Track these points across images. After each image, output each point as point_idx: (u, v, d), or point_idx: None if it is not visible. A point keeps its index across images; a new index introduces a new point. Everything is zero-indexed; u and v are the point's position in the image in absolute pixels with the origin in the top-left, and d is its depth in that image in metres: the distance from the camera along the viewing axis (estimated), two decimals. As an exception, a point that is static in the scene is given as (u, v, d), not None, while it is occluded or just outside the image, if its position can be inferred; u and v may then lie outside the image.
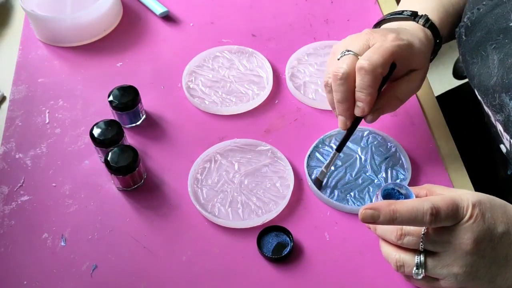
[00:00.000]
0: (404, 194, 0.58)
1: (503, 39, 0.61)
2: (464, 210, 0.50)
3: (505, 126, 0.61)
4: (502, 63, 0.60)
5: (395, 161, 0.70)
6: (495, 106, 0.62)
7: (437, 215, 0.49)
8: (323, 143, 0.72)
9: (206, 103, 0.78)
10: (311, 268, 0.63)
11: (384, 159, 0.70)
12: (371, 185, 0.68)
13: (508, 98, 0.59)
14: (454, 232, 0.50)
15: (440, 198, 0.50)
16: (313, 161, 0.70)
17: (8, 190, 0.70)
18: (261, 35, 0.88)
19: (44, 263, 0.64)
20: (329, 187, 0.68)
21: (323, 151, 0.71)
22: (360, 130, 0.73)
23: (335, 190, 0.68)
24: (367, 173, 0.69)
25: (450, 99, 0.92)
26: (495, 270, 0.51)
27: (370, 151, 0.71)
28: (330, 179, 0.69)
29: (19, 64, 0.85)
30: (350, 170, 0.69)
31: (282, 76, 0.82)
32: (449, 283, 0.52)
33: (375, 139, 0.72)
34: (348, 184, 0.68)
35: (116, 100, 0.73)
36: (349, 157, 0.71)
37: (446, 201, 0.50)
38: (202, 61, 0.84)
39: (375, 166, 0.70)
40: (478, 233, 0.49)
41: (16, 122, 0.77)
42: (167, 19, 0.91)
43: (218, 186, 0.69)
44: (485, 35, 0.63)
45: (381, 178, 0.69)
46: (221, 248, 0.64)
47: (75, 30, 0.85)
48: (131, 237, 0.66)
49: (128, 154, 0.67)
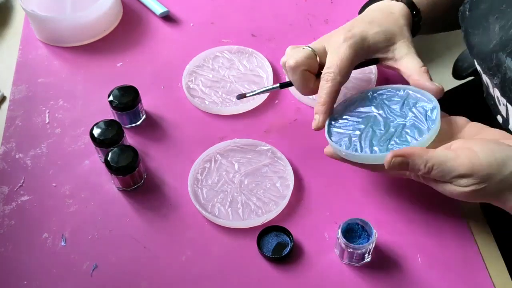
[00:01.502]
0: (367, 229, 0.61)
1: (506, 8, 0.62)
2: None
3: (502, 87, 0.62)
4: (502, 28, 0.62)
5: (414, 99, 0.66)
6: (492, 69, 0.63)
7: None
8: (334, 117, 0.68)
9: (206, 103, 0.78)
10: (311, 268, 0.63)
11: (402, 104, 0.66)
12: (405, 128, 0.64)
13: (505, 54, 0.60)
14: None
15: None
16: (333, 136, 0.66)
17: (8, 190, 0.70)
18: (261, 35, 0.88)
19: (44, 263, 0.64)
20: (365, 148, 0.63)
21: (340, 124, 0.67)
22: (362, 92, 0.70)
23: (373, 148, 0.63)
24: (395, 122, 0.65)
25: (450, 99, 0.92)
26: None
27: (385, 105, 0.67)
28: (361, 141, 0.64)
29: (19, 64, 0.85)
30: (376, 127, 0.65)
31: (282, 76, 0.82)
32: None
33: (383, 94, 0.69)
34: (383, 137, 0.64)
35: (116, 100, 0.73)
36: (368, 118, 0.66)
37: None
38: (202, 61, 0.84)
39: (398, 112, 0.66)
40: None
41: (16, 122, 0.77)
42: (167, 19, 0.91)
43: (218, 186, 0.69)
44: (489, 7, 0.65)
45: (411, 119, 0.64)
46: (221, 248, 0.64)
47: (75, 30, 0.85)
48: (131, 237, 0.66)
49: (128, 154, 0.67)
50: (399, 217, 0.66)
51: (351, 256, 0.61)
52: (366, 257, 0.61)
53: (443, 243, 0.64)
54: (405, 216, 0.66)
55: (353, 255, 0.61)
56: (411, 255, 0.63)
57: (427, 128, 0.62)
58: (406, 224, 0.65)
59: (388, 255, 0.63)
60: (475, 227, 0.65)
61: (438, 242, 0.64)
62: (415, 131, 0.62)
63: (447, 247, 0.64)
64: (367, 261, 0.62)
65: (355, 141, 0.64)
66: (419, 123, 0.63)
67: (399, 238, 0.64)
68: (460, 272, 0.62)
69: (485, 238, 0.64)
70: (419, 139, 0.61)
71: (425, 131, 0.62)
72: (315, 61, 0.68)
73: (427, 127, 0.62)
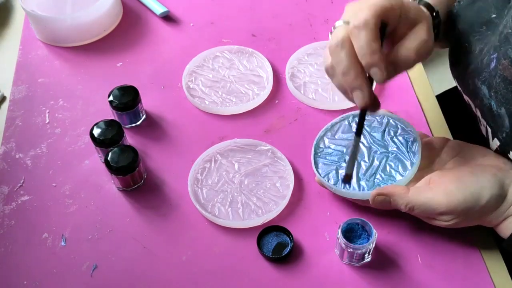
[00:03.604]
0: (367, 230, 0.61)
1: (485, 31, 0.62)
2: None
3: (481, 111, 0.64)
4: (480, 53, 0.62)
5: (394, 127, 0.68)
6: (471, 92, 0.64)
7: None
8: (318, 147, 0.69)
9: (206, 103, 0.78)
10: (311, 268, 0.63)
11: (383, 132, 0.68)
12: (389, 160, 0.66)
13: (480, 82, 0.61)
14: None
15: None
16: (319, 169, 0.68)
17: (8, 190, 0.70)
18: (261, 35, 0.88)
19: (44, 263, 0.64)
20: (352, 183, 0.65)
21: (324, 154, 0.69)
22: (342, 118, 0.71)
23: (360, 182, 0.65)
24: (378, 152, 0.67)
25: (450, 99, 0.92)
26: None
27: (366, 133, 0.69)
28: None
29: (19, 64, 0.85)
30: (361, 158, 0.67)
31: (282, 76, 0.82)
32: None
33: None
34: (368, 170, 0.66)
35: (116, 100, 0.73)
36: (350, 148, 0.67)
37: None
38: (202, 61, 0.84)
39: (380, 142, 0.68)
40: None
41: (16, 122, 0.77)
42: (167, 19, 0.91)
43: (218, 186, 0.69)
44: (468, 28, 0.64)
45: (393, 151, 0.67)
46: (221, 248, 0.64)
47: (75, 30, 0.85)
48: (131, 237, 0.66)
49: (128, 154, 0.67)
50: (399, 217, 0.66)
51: (351, 256, 0.61)
52: (366, 257, 0.61)
53: (443, 243, 0.64)
54: (405, 216, 0.66)
55: (353, 255, 0.61)
56: (411, 255, 0.63)
57: (410, 163, 0.65)
58: (406, 224, 0.65)
59: (388, 255, 0.63)
60: (475, 227, 0.65)
61: (438, 242, 0.64)
62: (399, 164, 0.66)
63: (447, 247, 0.64)
64: (367, 261, 0.62)
65: (342, 173, 0.66)
66: (401, 156, 0.66)
67: (399, 238, 0.64)
68: (460, 272, 0.62)
69: (485, 238, 0.64)
70: (404, 175, 0.64)
71: (408, 167, 0.65)
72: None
73: (410, 161, 0.65)
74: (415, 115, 0.76)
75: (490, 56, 0.60)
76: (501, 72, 0.58)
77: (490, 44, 0.60)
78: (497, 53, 0.58)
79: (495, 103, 0.60)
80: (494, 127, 0.62)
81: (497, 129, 0.61)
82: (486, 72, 0.60)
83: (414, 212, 0.60)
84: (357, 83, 0.55)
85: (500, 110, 0.59)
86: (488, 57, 0.60)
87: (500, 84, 0.58)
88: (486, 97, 0.61)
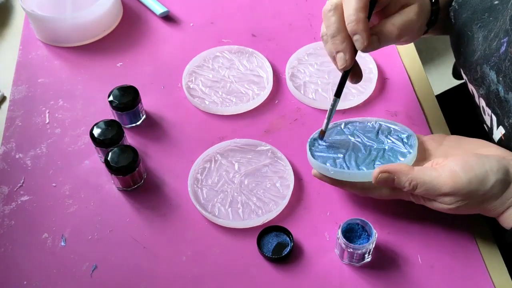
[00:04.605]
0: (367, 229, 0.61)
1: (487, 18, 0.63)
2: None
3: (487, 98, 0.63)
4: (485, 39, 0.62)
5: (387, 129, 0.69)
6: (477, 80, 0.64)
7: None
8: (313, 144, 0.68)
9: (206, 103, 0.78)
10: (311, 268, 0.63)
11: (377, 133, 0.68)
12: (386, 152, 0.65)
13: (489, 67, 0.61)
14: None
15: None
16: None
17: (8, 190, 0.70)
18: (261, 35, 0.88)
19: (44, 263, 0.64)
20: (352, 168, 0.64)
21: (320, 149, 0.68)
22: (335, 125, 0.70)
23: (360, 168, 0.64)
24: (375, 146, 0.66)
25: (450, 99, 0.92)
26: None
27: (360, 134, 0.69)
28: (346, 162, 0.64)
29: (19, 64, 0.85)
30: (357, 151, 0.66)
31: (282, 76, 0.82)
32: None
33: (355, 126, 0.70)
34: (367, 159, 0.65)
35: (116, 100, 0.73)
36: (347, 143, 0.67)
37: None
38: (202, 61, 0.84)
39: (375, 139, 0.67)
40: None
41: (16, 122, 0.77)
42: (167, 19, 0.91)
43: (218, 186, 0.69)
44: (471, 15, 0.65)
45: (389, 145, 0.66)
46: (221, 248, 0.64)
47: (75, 30, 0.85)
48: (131, 237, 0.66)
49: (128, 154, 0.67)
50: (399, 217, 0.66)
51: (351, 256, 0.61)
52: (366, 257, 0.61)
53: (443, 243, 0.64)
54: (405, 216, 0.66)
55: (353, 255, 0.61)
56: (411, 255, 0.63)
57: (407, 151, 0.65)
58: (406, 224, 0.65)
59: (388, 255, 0.63)
60: (475, 227, 0.65)
61: (438, 242, 0.64)
62: (397, 154, 0.65)
63: (447, 247, 0.64)
64: (367, 261, 0.62)
65: (340, 162, 0.65)
66: (398, 148, 0.66)
67: (399, 238, 0.64)
68: (460, 272, 0.62)
69: (485, 238, 0.64)
70: (404, 159, 0.64)
71: (407, 153, 0.64)
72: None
73: (407, 151, 0.65)
74: (415, 115, 0.76)
75: (501, 41, 0.60)
76: (511, 55, 0.58)
77: (497, 29, 0.61)
78: (508, 36, 0.59)
79: (502, 88, 0.60)
80: (500, 114, 0.62)
81: (503, 116, 0.61)
82: (495, 56, 0.61)
83: (417, 191, 0.58)
84: (342, 46, 0.60)
85: (507, 95, 0.60)
86: (498, 41, 0.60)
87: (510, 67, 0.59)
88: (494, 83, 0.61)
